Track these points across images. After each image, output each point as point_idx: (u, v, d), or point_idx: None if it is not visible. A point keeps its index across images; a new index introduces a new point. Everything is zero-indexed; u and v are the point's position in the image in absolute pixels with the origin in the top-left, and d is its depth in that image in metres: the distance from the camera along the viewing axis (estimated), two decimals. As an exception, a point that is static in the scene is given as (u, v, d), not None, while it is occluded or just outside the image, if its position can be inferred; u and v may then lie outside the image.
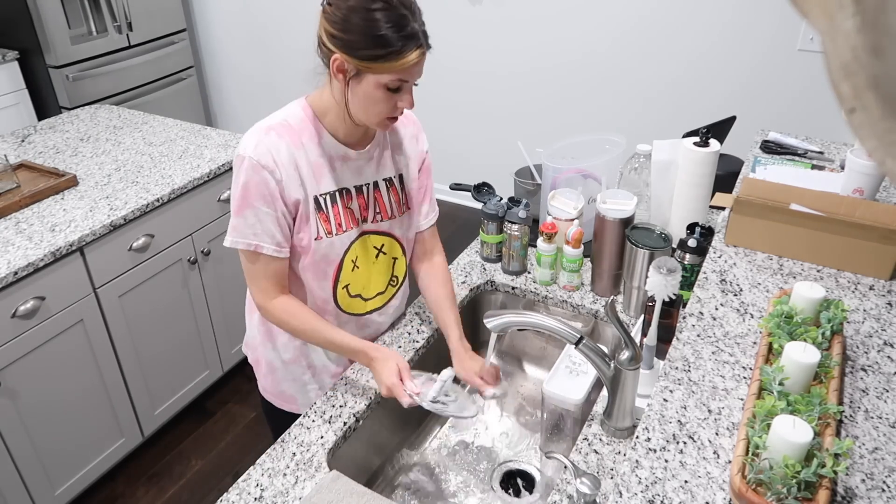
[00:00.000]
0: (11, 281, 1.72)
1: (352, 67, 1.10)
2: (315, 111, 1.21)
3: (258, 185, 1.16)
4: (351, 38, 1.07)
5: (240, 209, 1.19)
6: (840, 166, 1.70)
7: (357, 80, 1.12)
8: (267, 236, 1.20)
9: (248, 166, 1.16)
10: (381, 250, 1.34)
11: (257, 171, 1.16)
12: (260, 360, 1.44)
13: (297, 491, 1.12)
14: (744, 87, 2.90)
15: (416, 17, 1.08)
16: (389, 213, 1.33)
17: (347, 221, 1.27)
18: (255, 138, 1.17)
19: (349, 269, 1.31)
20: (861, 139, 0.37)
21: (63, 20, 3.26)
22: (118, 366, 2.09)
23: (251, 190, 1.17)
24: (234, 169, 1.19)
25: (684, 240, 1.42)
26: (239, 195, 1.18)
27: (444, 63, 3.54)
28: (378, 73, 1.09)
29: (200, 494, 2.21)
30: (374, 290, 1.38)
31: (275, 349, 1.40)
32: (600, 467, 1.13)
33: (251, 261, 1.23)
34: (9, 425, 1.82)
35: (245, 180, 1.17)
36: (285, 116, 1.21)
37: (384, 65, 1.08)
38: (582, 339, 1.11)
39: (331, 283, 1.30)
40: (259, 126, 1.20)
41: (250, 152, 1.16)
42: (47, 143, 2.39)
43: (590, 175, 1.65)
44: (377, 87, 1.11)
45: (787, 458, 0.80)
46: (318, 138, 1.21)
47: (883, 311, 1.19)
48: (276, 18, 3.93)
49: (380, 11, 1.06)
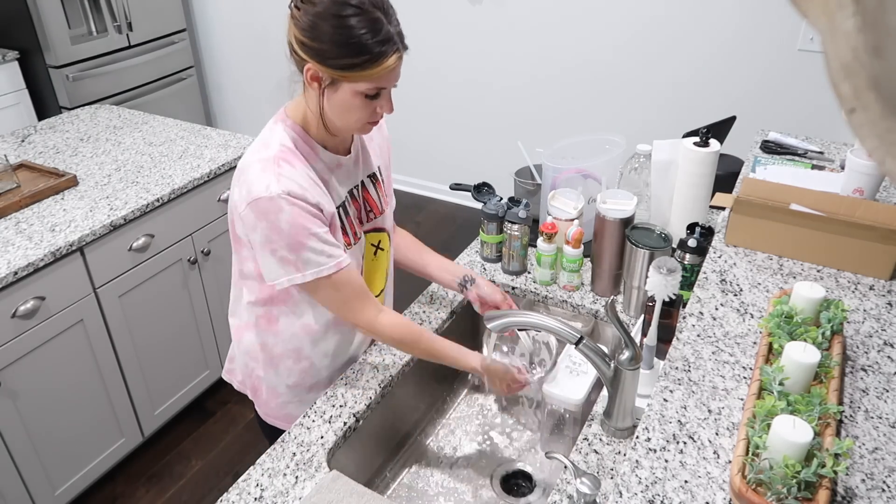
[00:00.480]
0: (11, 281, 1.72)
1: (326, 76, 1.05)
2: (302, 126, 1.16)
3: (302, 213, 1.09)
4: (322, 46, 1.01)
5: (300, 244, 1.10)
6: (840, 166, 1.70)
7: (333, 89, 1.06)
8: (338, 250, 1.14)
9: (284, 203, 1.07)
10: (378, 247, 1.34)
11: (294, 203, 1.08)
12: (259, 388, 1.38)
13: (297, 491, 1.12)
14: (744, 87, 2.90)
15: (390, 18, 1.03)
16: (380, 208, 1.32)
17: (357, 227, 1.25)
18: (270, 175, 1.09)
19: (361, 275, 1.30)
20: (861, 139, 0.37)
21: (63, 20, 3.26)
22: (118, 366, 2.09)
23: (301, 221, 1.09)
24: (264, 212, 1.08)
25: (684, 240, 1.42)
26: (289, 233, 1.09)
27: (445, 63, 3.54)
28: (354, 82, 1.04)
29: (200, 494, 2.21)
30: (378, 287, 1.37)
31: (277, 374, 1.34)
32: (600, 467, 1.13)
33: (335, 286, 1.15)
34: (9, 425, 1.82)
35: (288, 217, 1.08)
36: (280, 142, 1.13)
37: (360, 73, 1.03)
38: (582, 339, 1.11)
39: None
40: (262, 160, 1.11)
41: (276, 190, 1.07)
42: (47, 143, 2.39)
43: (590, 175, 1.65)
44: (354, 95, 1.06)
45: (787, 458, 0.80)
46: (316, 154, 1.17)
47: (883, 311, 1.19)
48: (276, 18, 3.92)
49: (352, 17, 1.00)
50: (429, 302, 1.56)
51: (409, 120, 3.80)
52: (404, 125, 3.84)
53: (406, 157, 3.93)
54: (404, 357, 1.40)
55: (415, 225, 3.69)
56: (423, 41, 3.54)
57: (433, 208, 3.88)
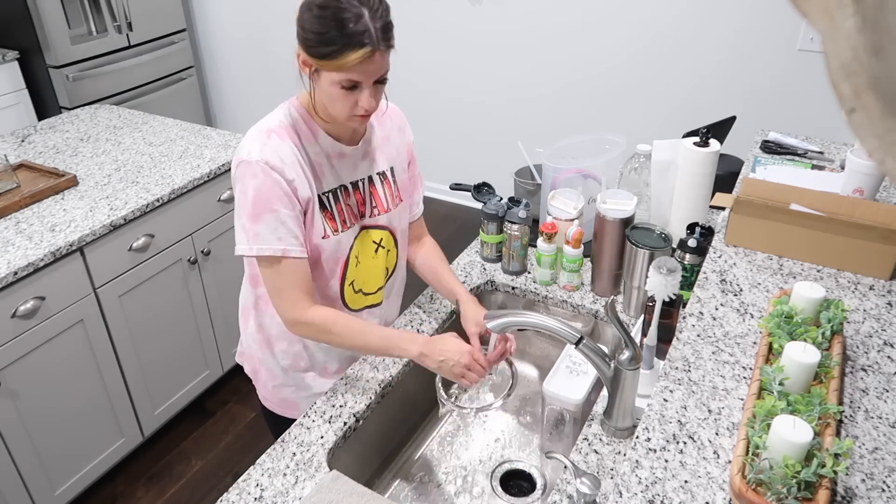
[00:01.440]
0: (11, 281, 1.72)
1: (310, 62, 1.09)
2: (307, 110, 1.20)
3: (272, 186, 1.13)
4: (305, 34, 1.07)
5: (257, 215, 1.14)
6: (840, 166, 1.70)
7: (317, 77, 1.11)
8: (292, 238, 1.17)
9: (258, 170, 1.13)
10: (379, 244, 1.34)
11: (268, 173, 1.13)
12: (259, 369, 1.43)
13: (297, 491, 1.12)
14: (744, 87, 2.90)
15: (375, 13, 1.05)
16: (385, 207, 1.33)
17: (350, 218, 1.27)
18: (257, 142, 1.15)
19: (354, 265, 1.31)
20: (861, 139, 0.37)
21: (63, 20, 3.26)
22: (118, 366, 2.09)
23: (266, 193, 1.14)
24: (240, 175, 1.15)
25: (684, 240, 1.42)
26: (252, 200, 1.14)
27: (445, 63, 3.54)
28: (329, 71, 1.08)
29: (200, 494, 2.21)
30: (375, 284, 1.38)
31: (273, 356, 1.38)
32: (600, 467, 1.13)
33: (277, 270, 1.18)
34: (9, 425, 1.82)
35: (258, 184, 1.13)
36: (280, 118, 1.19)
37: (330, 62, 1.06)
38: (582, 339, 1.11)
39: (339, 280, 1.30)
40: (257, 130, 1.18)
41: (256, 156, 1.13)
42: (47, 143, 2.39)
43: (590, 175, 1.65)
44: (332, 84, 1.10)
45: (787, 458, 0.80)
46: (315, 137, 1.21)
47: (883, 311, 1.19)
48: (276, 18, 3.93)
49: (330, 7, 1.04)
50: (429, 301, 1.56)
51: (410, 120, 3.79)
52: (404, 125, 3.84)
53: (406, 157, 3.93)
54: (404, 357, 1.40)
55: (415, 225, 3.69)
56: (423, 41, 3.54)
57: (433, 208, 3.88)
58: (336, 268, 1.28)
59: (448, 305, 1.54)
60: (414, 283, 1.54)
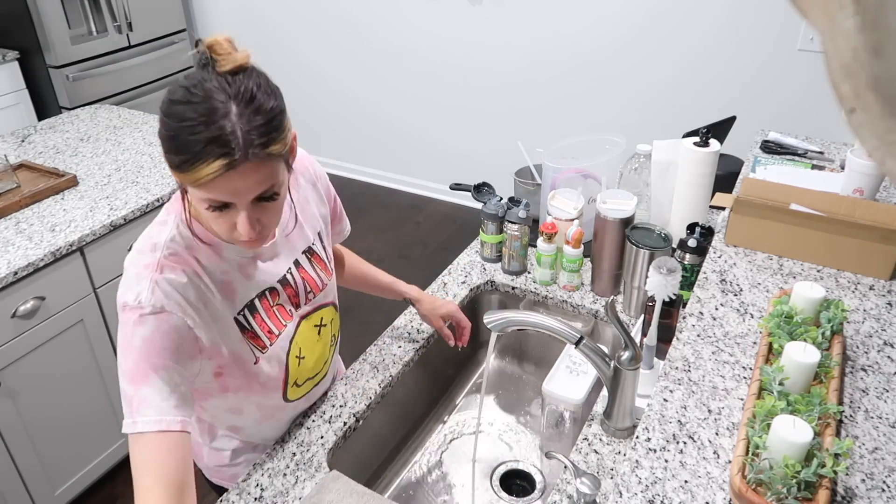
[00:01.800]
0: (11, 281, 1.71)
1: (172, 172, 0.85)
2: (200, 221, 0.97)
3: (164, 336, 0.89)
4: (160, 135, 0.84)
5: (144, 374, 0.88)
6: (840, 166, 1.70)
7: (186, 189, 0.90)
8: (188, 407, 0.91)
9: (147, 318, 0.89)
10: (321, 325, 1.17)
11: (161, 320, 0.89)
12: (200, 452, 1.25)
13: (297, 491, 1.12)
14: (744, 87, 2.90)
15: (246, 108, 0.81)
16: (320, 286, 1.14)
17: (279, 321, 1.07)
18: (145, 281, 0.90)
19: (295, 366, 1.13)
20: (861, 139, 0.37)
21: (63, 20, 3.26)
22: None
23: (157, 345, 0.89)
24: (123, 319, 0.90)
25: (684, 240, 1.42)
26: (140, 356, 0.88)
27: (445, 63, 3.54)
28: (187, 183, 0.83)
29: (201, 494, 2.21)
30: (320, 365, 1.21)
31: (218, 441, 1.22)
32: (600, 467, 1.13)
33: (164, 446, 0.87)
34: (9, 425, 1.82)
35: (148, 334, 0.89)
36: (169, 239, 0.94)
37: (183, 175, 0.82)
38: (582, 339, 1.11)
39: (280, 390, 1.13)
40: (142, 263, 0.92)
41: (145, 299, 0.89)
42: (47, 143, 2.39)
43: (590, 175, 1.65)
44: (199, 202, 0.86)
45: (787, 458, 0.80)
46: (219, 252, 0.98)
47: (883, 311, 1.19)
48: (276, 18, 3.93)
49: (182, 104, 0.80)
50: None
51: (409, 120, 3.80)
52: (404, 125, 3.84)
53: (406, 157, 3.94)
54: (404, 357, 1.40)
55: (415, 225, 3.69)
56: (423, 41, 3.54)
57: (433, 208, 3.88)
58: (277, 380, 1.11)
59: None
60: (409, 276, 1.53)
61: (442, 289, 1.59)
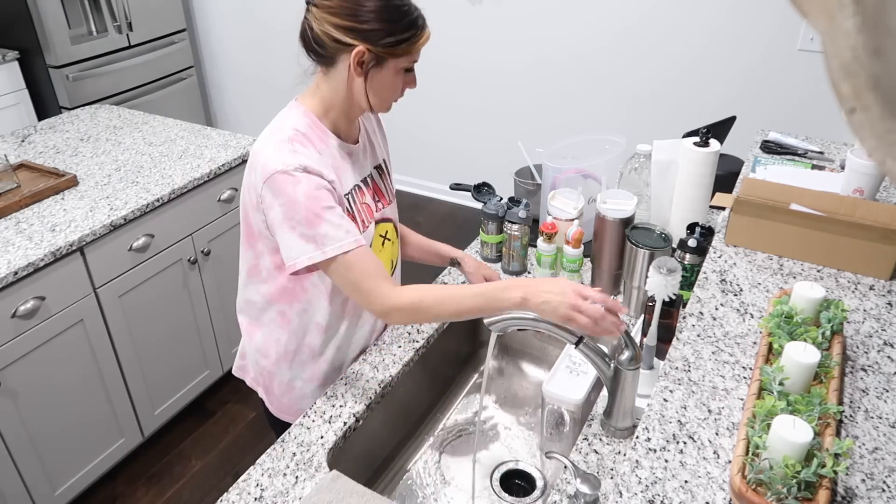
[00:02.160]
0: (11, 281, 1.72)
1: (371, 57, 1.09)
2: (315, 113, 1.18)
3: (317, 188, 1.09)
4: (372, 26, 1.07)
5: (316, 217, 1.09)
6: (840, 166, 1.70)
7: (378, 70, 1.11)
8: (354, 228, 1.13)
9: (301, 176, 1.08)
10: (385, 237, 1.33)
11: (308, 177, 1.09)
12: (271, 384, 1.37)
13: (297, 491, 1.12)
14: (744, 87, 2.90)
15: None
16: (387, 199, 1.33)
17: (368, 216, 1.26)
18: (282, 151, 1.10)
19: None
20: (861, 139, 0.37)
21: (63, 20, 3.26)
22: (118, 366, 2.09)
23: (315, 195, 1.09)
24: (279, 186, 1.09)
25: (684, 240, 1.42)
26: (305, 206, 1.08)
27: (445, 63, 3.54)
28: (399, 57, 1.10)
29: (200, 494, 2.21)
30: None
31: (291, 369, 1.34)
32: (600, 467, 1.13)
33: (351, 264, 1.11)
34: (9, 425, 1.82)
35: (304, 189, 1.08)
36: (293, 125, 1.15)
37: (406, 47, 1.09)
38: (582, 339, 1.11)
39: None
40: (275, 139, 1.13)
41: (291, 163, 1.08)
42: (47, 143, 2.39)
43: (590, 175, 1.65)
44: (396, 71, 1.12)
45: (787, 458, 0.80)
46: (327, 140, 1.18)
47: (883, 311, 1.19)
48: (276, 18, 3.93)
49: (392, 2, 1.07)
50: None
51: (410, 120, 3.80)
52: (404, 125, 3.84)
53: (406, 157, 3.93)
54: (404, 357, 1.40)
55: (415, 225, 3.68)
56: (423, 41, 3.53)
57: (433, 208, 3.88)
58: None
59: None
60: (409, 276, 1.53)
61: (442, 289, 1.59)
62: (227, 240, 2.35)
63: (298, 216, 1.09)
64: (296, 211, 1.09)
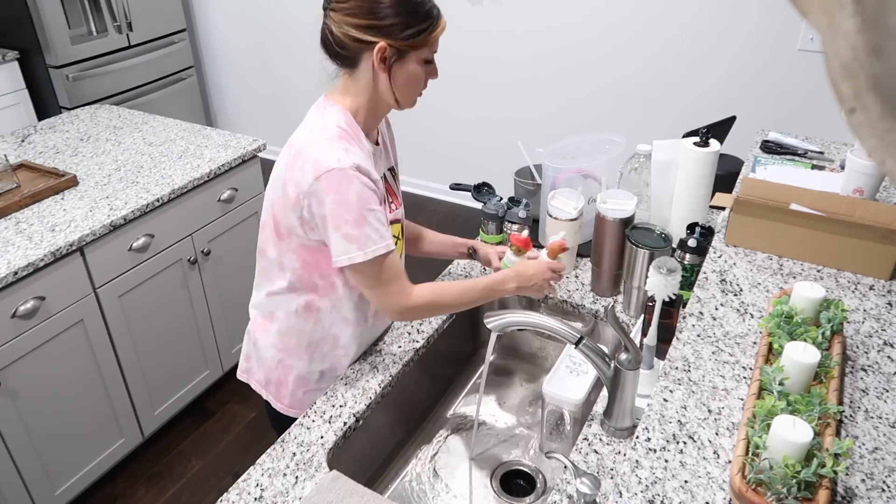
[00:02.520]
0: (11, 281, 1.72)
1: (392, 52, 1.12)
2: (352, 113, 1.20)
3: (365, 188, 1.13)
4: (390, 21, 1.09)
5: (362, 218, 1.14)
6: (840, 166, 1.70)
7: (400, 64, 1.14)
8: (388, 231, 1.19)
9: (353, 175, 1.12)
10: (398, 238, 1.35)
11: (359, 177, 1.12)
12: (285, 379, 1.37)
13: (297, 491, 1.12)
14: (744, 87, 2.90)
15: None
16: (399, 200, 1.37)
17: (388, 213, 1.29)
18: (337, 149, 1.13)
19: None
20: (861, 139, 0.37)
21: (63, 20, 3.26)
22: (118, 366, 2.09)
23: (364, 196, 1.13)
24: (334, 184, 1.12)
25: (684, 240, 1.42)
26: (356, 205, 1.13)
27: (445, 63, 3.53)
28: (419, 49, 1.13)
29: (200, 494, 2.21)
30: None
31: (311, 361, 1.35)
32: (600, 467, 1.13)
33: (382, 266, 1.18)
34: (9, 425, 1.82)
35: (357, 188, 1.12)
36: (336, 123, 1.17)
37: (427, 37, 1.13)
38: (582, 339, 1.11)
39: None
40: (325, 137, 1.15)
41: (346, 162, 1.12)
42: (47, 143, 2.39)
43: (590, 175, 1.65)
44: (418, 63, 1.15)
45: (787, 458, 0.80)
46: (360, 139, 1.21)
47: (883, 311, 1.19)
48: (277, 18, 3.93)
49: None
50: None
51: (409, 120, 3.79)
52: (404, 125, 3.84)
53: (406, 156, 3.92)
54: (404, 357, 1.40)
55: (415, 225, 3.69)
56: (423, 41, 3.54)
57: (433, 208, 3.88)
58: None
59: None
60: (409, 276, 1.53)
61: (442, 289, 1.59)
62: (227, 240, 2.35)
63: (347, 215, 1.13)
64: (346, 210, 1.13)
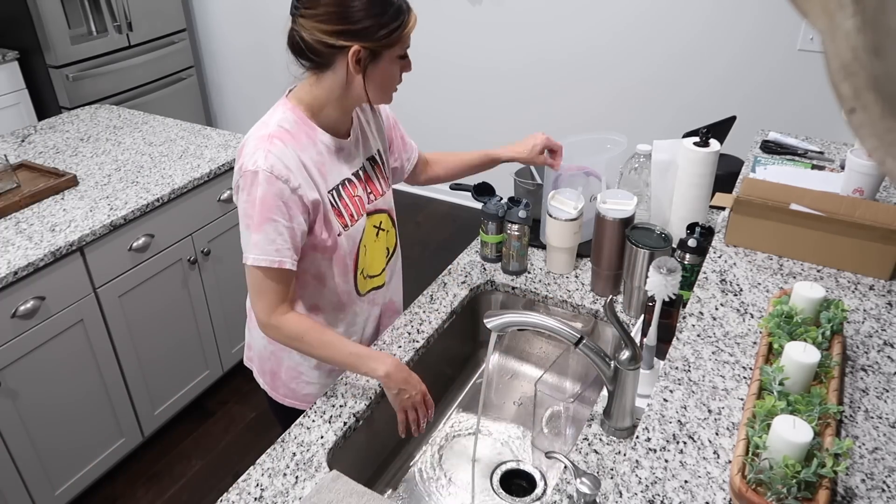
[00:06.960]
0: (11, 281, 1.72)
1: (367, 53, 1.12)
2: (305, 110, 1.21)
3: (275, 197, 1.14)
4: (364, 24, 1.09)
5: (259, 225, 1.15)
6: (840, 166, 1.70)
7: (375, 63, 1.14)
8: (288, 250, 1.18)
9: (263, 179, 1.13)
10: (379, 228, 1.37)
11: (272, 182, 1.13)
12: (278, 370, 1.41)
13: (297, 491, 1.12)
14: (744, 87, 2.90)
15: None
16: (380, 191, 1.36)
17: (357, 210, 1.29)
18: (261, 150, 1.15)
19: (363, 254, 1.34)
20: (861, 139, 0.37)
21: (63, 20, 3.26)
22: (118, 366, 2.09)
23: (269, 203, 1.14)
24: (244, 183, 1.16)
25: (684, 240, 1.42)
26: (257, 210, 1.15)
27: (445, 63, 3.54)
28: (393, 47, 1.13)
29: (200, 494, 2.21)
30: (379, 267, 1.41)
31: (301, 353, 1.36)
32: (600, 467, 1.13)
33: (268, 276, 1.19)
34: (9, 425, 1.82)
35: (262, 194, 1.14)
36: (279, 122, 1.19)
37: (401, 35, 1.12)
38: (582, 339, 1.11)
39: (352, 273, 1.33)
40: (258, 136, 1.17)
41: (262, 165, 1.13)
42: (47, 143, 2.39)
43: (591, 174, 1.65)
44: (392, 61, 1.15)
45: (787, 458, 0.80)
46: (314, 137, 1.21)
47: (883, 311, 1.19)
48: (277, 18, 3.93)
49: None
50: (429, 302, 1.56)
51: (409, 120, 3.79)
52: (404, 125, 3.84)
53: (406, 157, 3.93)
54: (404, 357, 1.40)
55: (415, 225, 3.69)
56: (422, 41, 3.53)
57: (433, 208, 3.88)
58: (350, 261, 1.32)
59: (446, 306, 1.54)
60: (415, 285, 1.54)
61: (442, 288, 1.59)
62: (227, 240, 2.35)
63: (250, 217, 1.16)
64: (251, 210, 1.16)
